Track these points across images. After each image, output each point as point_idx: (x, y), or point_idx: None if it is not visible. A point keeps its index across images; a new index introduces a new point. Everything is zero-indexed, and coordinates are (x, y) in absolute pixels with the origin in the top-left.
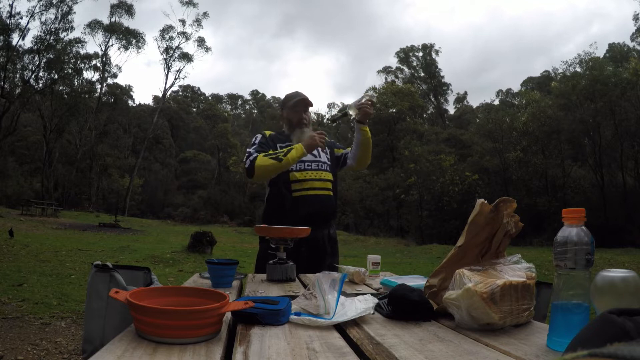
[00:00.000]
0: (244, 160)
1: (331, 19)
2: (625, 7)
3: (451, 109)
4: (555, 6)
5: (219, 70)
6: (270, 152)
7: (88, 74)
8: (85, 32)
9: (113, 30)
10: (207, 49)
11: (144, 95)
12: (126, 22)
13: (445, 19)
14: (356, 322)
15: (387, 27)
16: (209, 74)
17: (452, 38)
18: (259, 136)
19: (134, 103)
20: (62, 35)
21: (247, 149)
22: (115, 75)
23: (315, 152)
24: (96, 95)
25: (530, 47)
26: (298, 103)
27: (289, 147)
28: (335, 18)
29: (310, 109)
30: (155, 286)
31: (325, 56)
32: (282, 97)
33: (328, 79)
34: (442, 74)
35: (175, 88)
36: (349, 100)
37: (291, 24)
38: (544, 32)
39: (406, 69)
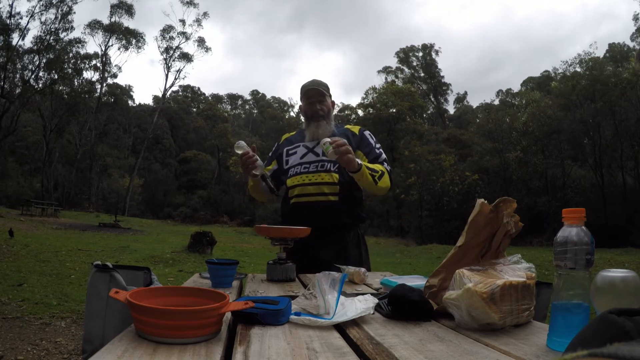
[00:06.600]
0: None
1: (340, 17)
2: (635, 8)
3: (451, 109)
4: (567, 7)
5: (227, 69)
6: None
7: (88, 74)
8: (85, 32)
9: (113, 30)
10: (207, 49)
11: (144, 95)
12: (126, 22)
13: (456, 18)
14: (356, 322)
15: (397, 26)
16: (216, 72)
17: (462, 37)
18: (275, 144)
19: (134, 103)
20: (62, 35)
21: None
22: (115, 75)
23: (318, 150)
24: (96, 95)
25: (541, 47)
26: (309, 93)
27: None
28: (344, 16)
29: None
30: (155, 286)
31: (333, 54)
32: (283, 97)
33: (335, 77)
34: (442, 74)
35: (175, 88)
36: (353, 100)
37: (299, 21)
38: (554, 33)
39: (406, 69)
